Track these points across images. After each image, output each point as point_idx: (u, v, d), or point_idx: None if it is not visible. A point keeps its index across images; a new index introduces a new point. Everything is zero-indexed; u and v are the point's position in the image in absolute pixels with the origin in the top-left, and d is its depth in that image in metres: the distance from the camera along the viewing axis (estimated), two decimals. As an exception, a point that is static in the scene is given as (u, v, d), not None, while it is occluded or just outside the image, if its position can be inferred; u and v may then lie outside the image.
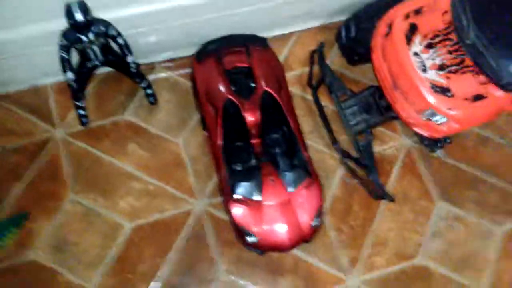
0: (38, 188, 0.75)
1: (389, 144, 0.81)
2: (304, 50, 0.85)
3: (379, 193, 0.75)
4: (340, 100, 0.77)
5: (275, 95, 0.71)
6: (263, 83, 0.71)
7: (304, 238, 0.69)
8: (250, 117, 0.70)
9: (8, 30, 0.69)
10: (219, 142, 0.71)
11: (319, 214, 0.69)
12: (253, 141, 0.72)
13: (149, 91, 0.78)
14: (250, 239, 0.68)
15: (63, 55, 0.66)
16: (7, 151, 0.76)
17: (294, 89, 0.82)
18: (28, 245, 0.71)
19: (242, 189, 0.69)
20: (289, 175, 0.70)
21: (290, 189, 0.69)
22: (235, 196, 0.68)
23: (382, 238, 0.76)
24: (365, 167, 0.75)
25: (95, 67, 0.72)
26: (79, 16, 0.62)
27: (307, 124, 0.81)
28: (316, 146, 0.80)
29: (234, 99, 0.70)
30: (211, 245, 0.73)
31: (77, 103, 0.75)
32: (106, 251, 0.72)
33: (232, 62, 0.74)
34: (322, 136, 0.80)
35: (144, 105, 0.80)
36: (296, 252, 0.74)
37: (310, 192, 0.69)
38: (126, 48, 0.69)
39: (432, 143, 0.78)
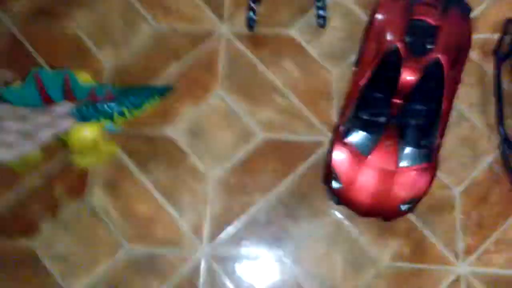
0: (191, 74, 0.78)
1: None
2: (499, 15, 0.76)
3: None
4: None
5: (445, 69, 0.65)
6: (440, 50, 0.65)
7: (386, 215, 0.66)
8: (406, 75, 0.65)
9: None
10: (362, 83, 0.68)
11: (413, 202, 0.65)
12: (395, 100, 0.67)
13: (321, 12, 0.76)
14: (335, 184, 0.66)
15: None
16: (173, 32, 0.80)
17: (473, 54, 0.75)
18: (169, 121, 0.75)
19: (355, 137, 0.67)
20: (408, 150, 0.66)
21: (401, 164, 0.66)
22: (345, 139, 0.67)
23: (510, 239, 0.69)
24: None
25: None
26: None
27: (473, 95, 0.74)
28: (474, 121, 0.73)
29: (401, 49, 0.65)
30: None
31: (252, 5, 0.75)
32: (234, 151, 0.74)
33: (422, 13, 0.67)
34: (484, 112, 0.73)
35: (312, 26, 0.78)
36: (414, 219, 0.71)
37: (419, 177, 0.65)
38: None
39: None
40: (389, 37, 0.67)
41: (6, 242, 0.69)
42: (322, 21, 0.77)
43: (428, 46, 0.66)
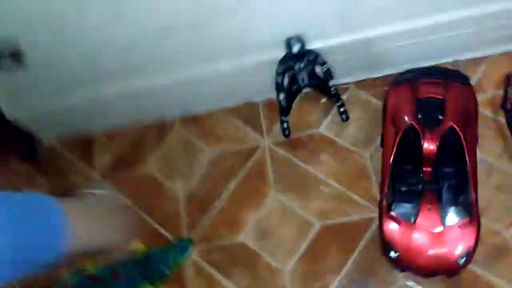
0: (247, 185, 0.92)
1: None
2: (500, 73, 0.86)
3: None
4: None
5: (460, 133, 0.74)
6: (451, 119, 0.75)
7: (447, 272, 0.72)
8: (428, 146, 0.74)
9: (235, 59, 0.88)
10: (390, 161, 0.77)
11: (467, 254, 0.71)
12: (425, 168, 0.76)
13: (342, 109, 0.89)
14: (393, 254, 0.73)
15: (278, 80, 0.82)
16: (226, 154, 0.96)
17: (485, 111, 0.84)
18: (237, 229, 0.89)
19: (399, 209, 0.75)
20: (448, 210, 0.73)
21: (446, 223, 0.72)
22: (390, 212, 0.74)
23: None
24: None
25: (301, 89, 0.86)
26: (296, 48, 0.77)
27: (496, 146, 0.81)
28: (506, 168, 0.80)
29: (416, 126, 0.75)
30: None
31: (283, 119, 0.90)
32: (299, 243, 0.85)
33: (426, 91, 0.78)
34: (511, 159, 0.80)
35: (337, 121, 0.92)
36: (477, 269, 0.76)
37: (465, 232, 0.71)
38: (329, 74, 0.81)
39: None
40: (404, 118, 0.78)
41: None
42: (344, 116, 0.90)
43: (440, 117, 0.76)
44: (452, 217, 0.74)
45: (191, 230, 0.90)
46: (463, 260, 0.71)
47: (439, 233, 0.72)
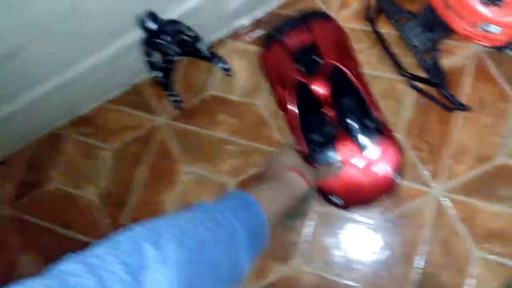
0: (157, 168, 0.91)
1: (458, 54, 0.81)
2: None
3: (453, 105, 0.78)
4: (400, 24, 0.79)
5: (340, 65, 0.75)
6: (328, 57, 0.75)
7: (386, 191, 0.75)
8: (320, 91, 0.74)
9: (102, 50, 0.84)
10: (295, 119, 0.77)
11: (397, 168, 0.73)
12: (327, 112, 0.76)
13: (223, 66, 0.88)
14: (334, 200, 0.76)
15: (146, 58, 0.79)
16: (127, 144, 0.94)
17: (355, 25, 0.85)
18: (163, 212, 0.88)
19: (320, 159, 0.75)
20: (362, 138, 0.74)
21: (364, 150, 0.74)
22: (315, 165, 0.75)
23: (462, 147, 0.78)
24: (435, 84, 0.78)
25: (176, 60, 0.84)
26: (151, 25, 0.74)
27: (374, 55, 0.84)
28: (386, 75, 0.83)
29: (302, 79, 0.75)
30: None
31: (169, 93, 0.88)
32: (221, 206, 0.86)
33: (296, 42, 0.78)
34: (391, 64, 0.83)
35: (223, 78, 0.91)
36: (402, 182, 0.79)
37: (385, 150, 0.73)
38: (197, 37, 0.79)
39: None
40: (287, 76, 0.77)
41: None
42: (228, 72, 0.89)
43: (318, 60, 0.76)
44: (367, 142, 0.75)
45: (115, 229, 0.88)
46: (396, 175, 0.74)
47: (364, 163, 0.74)
